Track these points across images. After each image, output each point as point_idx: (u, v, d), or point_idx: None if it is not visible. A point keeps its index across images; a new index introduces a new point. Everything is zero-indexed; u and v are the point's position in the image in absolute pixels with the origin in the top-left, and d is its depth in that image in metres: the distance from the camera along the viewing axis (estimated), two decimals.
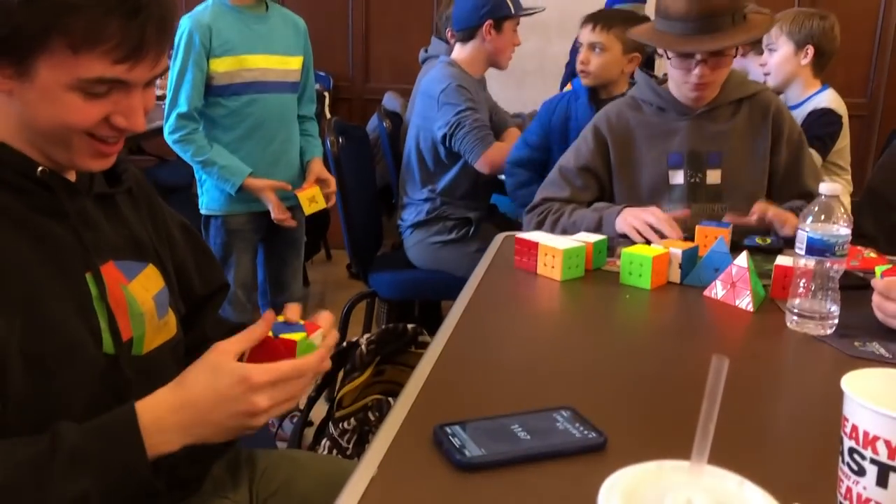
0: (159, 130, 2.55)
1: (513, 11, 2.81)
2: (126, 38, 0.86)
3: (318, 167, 2.64)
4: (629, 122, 1.97)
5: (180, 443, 0.86)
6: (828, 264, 1.24)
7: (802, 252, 1.24)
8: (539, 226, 1.95)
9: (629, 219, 1.74)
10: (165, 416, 0.85)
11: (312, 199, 2.59)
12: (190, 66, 2.32)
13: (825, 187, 1.23)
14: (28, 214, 0.91)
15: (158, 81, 1.15)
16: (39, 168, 0.92)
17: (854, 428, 0.65)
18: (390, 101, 3.50)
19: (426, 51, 3.33)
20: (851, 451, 0.66)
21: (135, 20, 0.86)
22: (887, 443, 0.63)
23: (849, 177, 2.76)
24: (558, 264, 1.51)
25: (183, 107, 2.34)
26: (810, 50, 2.66)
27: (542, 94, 3.23)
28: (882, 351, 1.20)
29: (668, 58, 1.84)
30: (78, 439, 0.81)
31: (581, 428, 0.89)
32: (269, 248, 2.65)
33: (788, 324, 1.28)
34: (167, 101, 2.38)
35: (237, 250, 2.51)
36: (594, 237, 1.61)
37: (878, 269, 1.42)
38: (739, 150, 1.92)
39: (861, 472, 0.65)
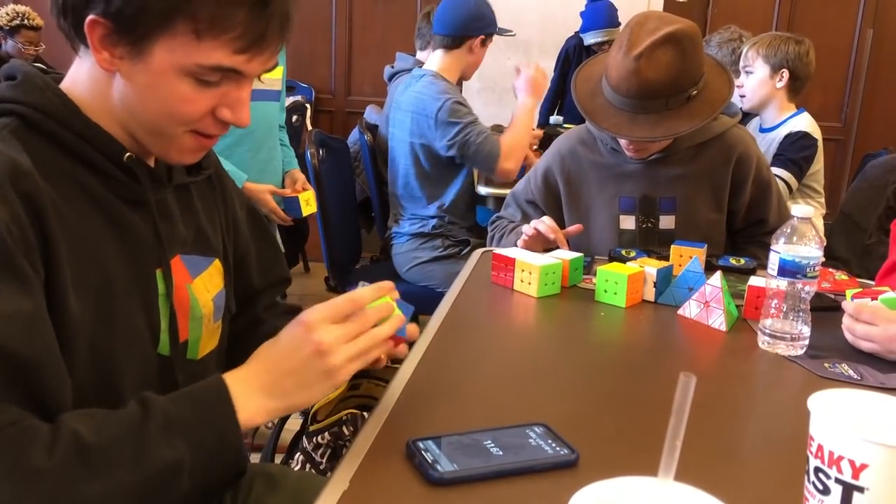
0: None
1: (496, 29, 2.85)
2: (251, 28, 0.85)
3: (300, 176, 2.71)
4: (581, 161, 1.91)
5: (267, 408, 0.85)
6: (799, 286, 1.26)
7: (774, 273, 1.26)
8: (491, 241, 2.00)
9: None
10: (250, 382, 0.85)
11: (308, 201, 2.63)
12: None
13: (797, 209, 1.25)
14: (110, 199, 0.89)
15: None
16: (126, 154, 0.89)
17: (820, 447, 0.66)
18: (371, 114, 3.51)
19: (392, 66, 3.35)
20: (817, 470, 0.67)
21: (263, 12, 0.85)
22: (851, 462, 0.64)
23: (822, 200, 2.80)
24: (535, 281, 1.52)
25: None
26: (785, 74, 2.71)
27: None
28: (851, 372, 1.22)
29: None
30: (171, 406, 0.80)
31: (553, 444, 0.90)
32: None
33: (760, 344, 1.30)
34: None
35: None
36: (571, 255, 1.63)
37: (849, 293, 1.44)
38: (696, 195, 1.84)
39: (826, 491, 0.66)
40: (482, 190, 2.85)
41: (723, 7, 4.92)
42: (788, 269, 1.25)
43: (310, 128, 4.58)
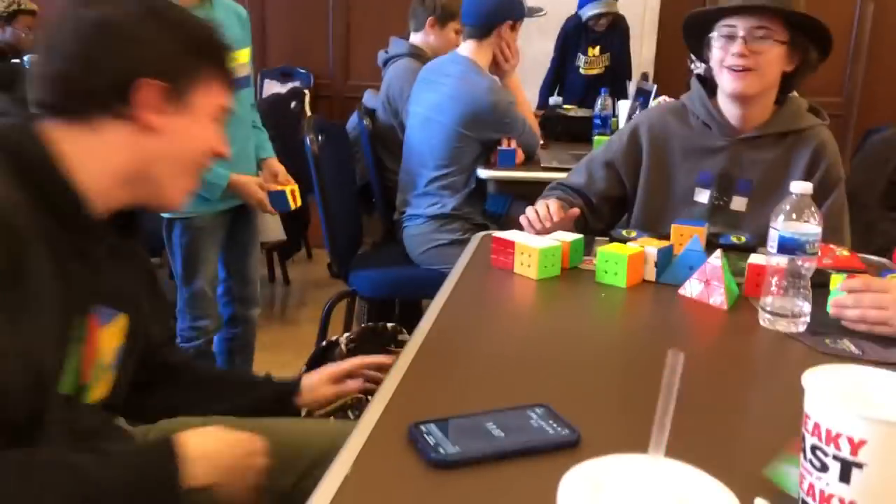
0: None
1: (525, 13, 2.86)
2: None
3: (280, 167, 2.65)
4: (669, 129, 1.93)
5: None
6: (799, 262, 1.26)
7: (774, 251, 1.26)
8: None
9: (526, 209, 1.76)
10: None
11: (293, 194, 2.60)
12: None
13: (796, 186, 1.25)
14: (63, 243, 0.94)
15: None
16: (86, 211, 0.96)
17: (816, 425, 0.67)
18: (370, 98, 3.50)
19: (386, 51, 3.34)
20: (814, 447, 0.67)
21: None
22: (850, 439, 0.64)
23: None
24: (534, 263, 1.53)
25: None
26: None
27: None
28: (852, 348, 1.22)
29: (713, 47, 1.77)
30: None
31: (555, 425, 0.90)
32: (230, 242, 2.60)
33: (761, 321, 1.30)
34: None
35: (204, 249, 2.46)
36: (571, 236, 1.63)
37: (835, 279, 1.40)
38: (771, 182, 1.84)
39: (824, 468, 0.66)
40: (482, 173, 2.84)
41: None
42: (788, 246, 1.25)
43: (309, 113, 4.57)
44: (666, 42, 4.92)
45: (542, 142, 3.09)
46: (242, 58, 2.45)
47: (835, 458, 0.65)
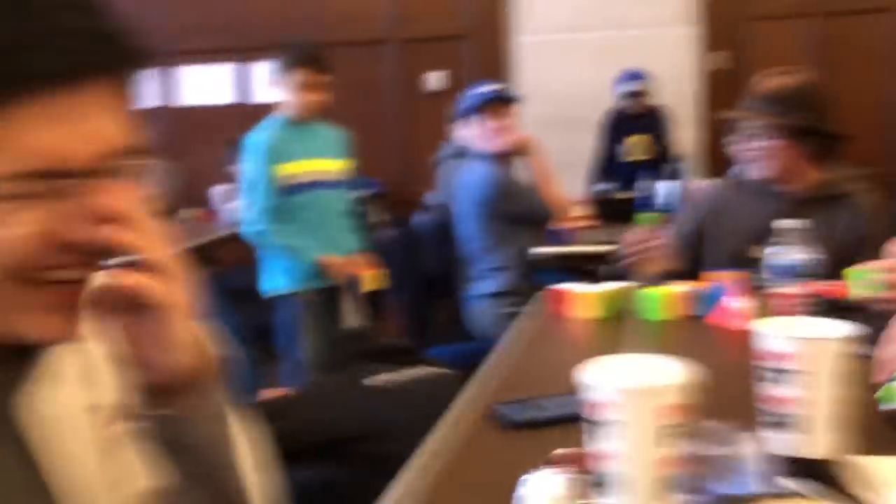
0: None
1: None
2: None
3: (364, 257, 3.12)
4: (727, 199, 2.19)
5: None
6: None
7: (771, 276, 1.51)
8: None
9: None
10: None
11: (368, 280, 3.05)
12: (262, 170, 2.78)
13: (786, 222, 1.52)
14: None
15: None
16: None
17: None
18: (430, 197, 3.88)
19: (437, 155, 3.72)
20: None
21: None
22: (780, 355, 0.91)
23: None
24: (588, 306, 1.82)
25: (261, 203, 2.81)
26: None
27: (570, 182, 3.56)
28: None
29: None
30: None
31: None
32: (323, 322, 3.05)
33: None
34: (246, 200, 2.85)
35: (307, 321, 2.97)
36: (622, 284, 1.92)
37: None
38: (816, 240, 1.96)
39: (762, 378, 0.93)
40: (535, 251, 3.15)
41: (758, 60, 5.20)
42: (780, 272, 1.52)
43: (380, 218, 4.99)
44: (708, 126, 5.21)
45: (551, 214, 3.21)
46: (340, 166, 3.08)
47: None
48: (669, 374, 0.80)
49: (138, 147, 0.65)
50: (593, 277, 2.14)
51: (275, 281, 2.99)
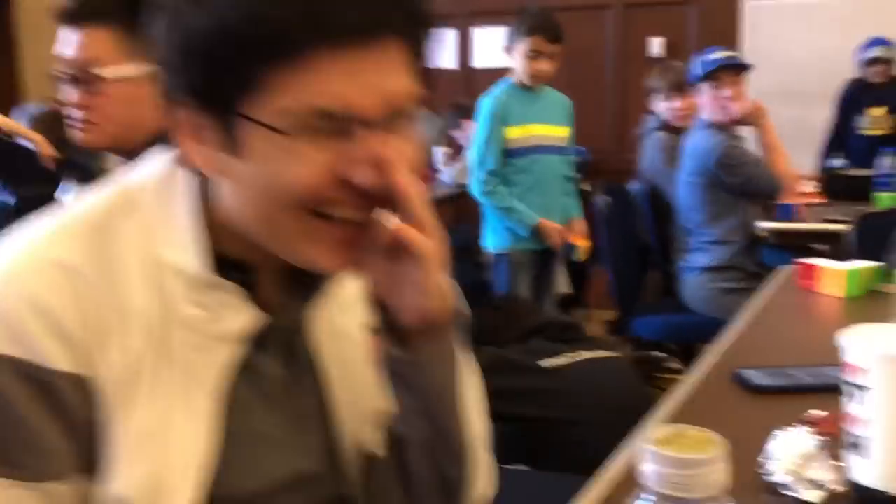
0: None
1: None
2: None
3: (580, 226, 3.17)
4: None
5: None
6: None
7: None
8: None
9: None
10: None
11: (582, 250, 3.12)
12: (493, 133, 2.89)
13: None
14: None
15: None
16: None
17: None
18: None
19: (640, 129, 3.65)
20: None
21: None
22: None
23: None
24: (839, 282, 1.76)
25: (490, 165, 2.94)
26: None
27: (801, 158, 3.40)
28: None
29: None
30: None
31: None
32: (533, 282, 3.16)
33: None
34: (475, 160, 2.97)
35: (521, 280, 3.07)
36: (870, 264, 1.83)
37: None
38: None
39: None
40: (762, 225, 3.04)
41: None
42: None
43: (588, 188, 4.99)
44: None
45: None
46: (563, 132, 3.15)
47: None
48: None
49: (418, 105, 0.70)
50: (820, 256, 2.04)
51: (495, 239, 3.10)
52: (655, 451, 0.48)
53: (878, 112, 4.39)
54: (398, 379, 0.77)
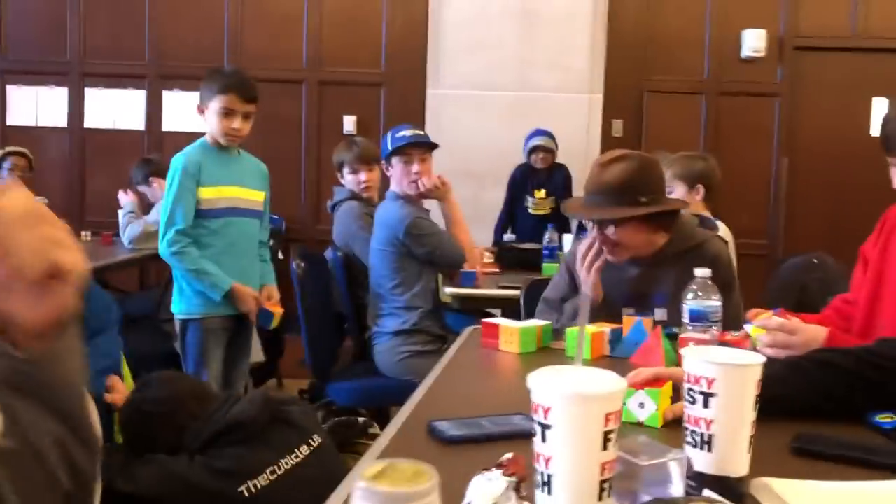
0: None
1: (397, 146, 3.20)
2: None
3: (276, 293, 3.12)
4: None
5: None
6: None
7: (687, 321, 1.64)
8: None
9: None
10: None
11: (277, 317, 3.05)
12: (184, 191, 2.76)
13: (699, 272, 1.65)
14: None
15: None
16: None
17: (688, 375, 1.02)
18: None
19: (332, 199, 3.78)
20: (689, 389, 1.02)
21: None
22: (708, 380, 1.00)
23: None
24: (516, 340, 1.91)
25: (180, 224, 2.77)
26: (701, 188, 3.19)
27: (476, 232, 3.68)
28: None
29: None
30: None
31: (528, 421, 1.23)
32: (226, 350, 3.03)
33: None
34: (163, 220, 2.79)
35: (212, 347, 2.91)
36: (541, 322, 2.02)
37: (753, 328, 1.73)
38: (681, 291, 2.07)
39: (694, 401, 1.01)
40: (448, 290, 3.23)
41: (653, 141, 5.53)
42: (696, 316, 1.64)
43: (281, 256, 4.96)
44: None
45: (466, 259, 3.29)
46: (258, 196, 3.07)
47: (700, 392, 1.01)
48: (611, 383, 0.87)
49: None
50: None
51: (185, 304, 2.92)
52: (367, 487, 0.46)
53: (540, 194, 4.93)
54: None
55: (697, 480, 1.01)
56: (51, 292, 0.72)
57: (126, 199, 4.48)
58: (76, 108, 5.73)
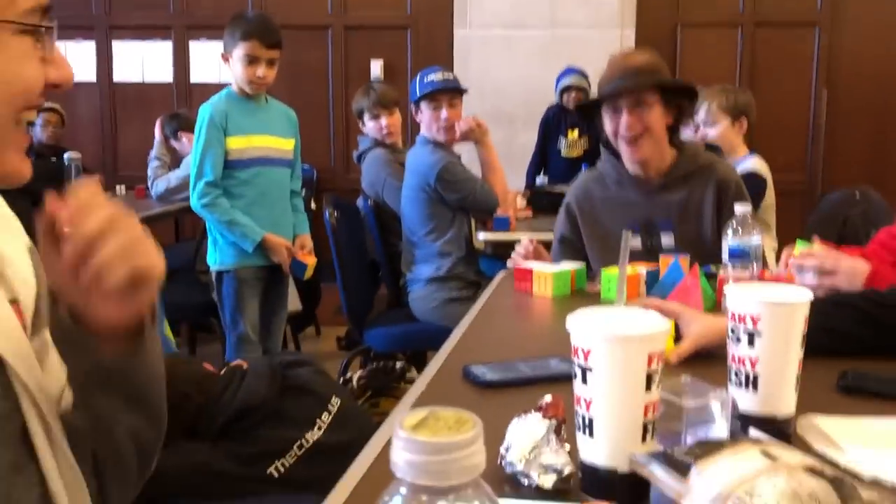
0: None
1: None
2: None
3: (309, 242, 3.13)
4: (593, 195, 2.25)
5: None
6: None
7: (727, 259, 1.60)
8: None
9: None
10: None
11: (310, 267, 3.07)
12: (212, 142, 2.74)
13: (738, 207, 1.60)
14: None
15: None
16: None
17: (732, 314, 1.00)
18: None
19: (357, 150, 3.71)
20: (732, 329, 1.00)
21: None
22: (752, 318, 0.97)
23: (774, 233, 3.16)
24: (550, 285, 1.88)
25: (209, 176, 2.75)
26: (745, 121, 3.10)
27: (508, 176, 3.62)
28: None
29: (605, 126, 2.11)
30: None
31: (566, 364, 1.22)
32: (263, 299, 3.05)
33: None
34: (193, 173, 2.79)
35: (248, 297, 2.93)
36: (576, 265, 2.00)
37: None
38: (687, 216, 2.16)
39: (738, 340, 0.99)
40: (481, 236, 3.20)
41: (687, 76, 5.39)
42: (736, 255, 1.59)
43: (314, 206, 4.96)
44: None
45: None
46: (287, 145, 3.04)
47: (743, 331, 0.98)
48: (653, 323, 0.85)
49: None
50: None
51: (219, 256, 2.94)
52: (408, 437, 0.45)
53: (573, 134, 4.84)
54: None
55: (743, 420, 0.99)
56: (133, 296, 0.78)
57: (156, 141, 4.52)
58: (104, 62, 5.72)
